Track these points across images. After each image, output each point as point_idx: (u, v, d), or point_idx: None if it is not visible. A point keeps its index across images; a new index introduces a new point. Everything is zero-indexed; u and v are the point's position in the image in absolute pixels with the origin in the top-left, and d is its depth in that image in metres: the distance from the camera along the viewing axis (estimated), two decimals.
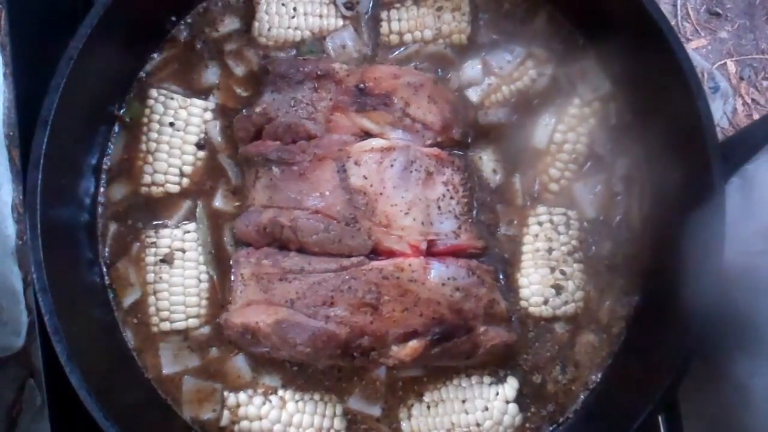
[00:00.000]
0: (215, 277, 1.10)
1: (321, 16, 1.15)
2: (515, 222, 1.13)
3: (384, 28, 1.16)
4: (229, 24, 1.17)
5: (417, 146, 1.06)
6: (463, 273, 1.04)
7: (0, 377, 1.46)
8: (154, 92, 1.13)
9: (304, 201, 1.03)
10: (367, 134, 1.06)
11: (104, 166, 1.13)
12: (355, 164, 1.02)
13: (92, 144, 1.11)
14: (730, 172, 1.12)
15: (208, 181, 1.13)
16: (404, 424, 1.08)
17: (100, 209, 1.12)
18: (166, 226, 1.11)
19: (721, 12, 1.97)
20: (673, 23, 1.93)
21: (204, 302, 1.10)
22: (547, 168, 1.13)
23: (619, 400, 1.08)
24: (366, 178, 1.02)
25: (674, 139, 1.06)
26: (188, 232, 1.10)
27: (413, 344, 1.00)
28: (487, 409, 1.06)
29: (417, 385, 1.09)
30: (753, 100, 1.94)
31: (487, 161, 1.14)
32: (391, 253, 1.03)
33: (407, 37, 1.16)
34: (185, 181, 1.13)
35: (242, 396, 1.07)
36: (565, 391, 1.11)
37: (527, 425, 1.10)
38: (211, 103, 1.14)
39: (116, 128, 1.14)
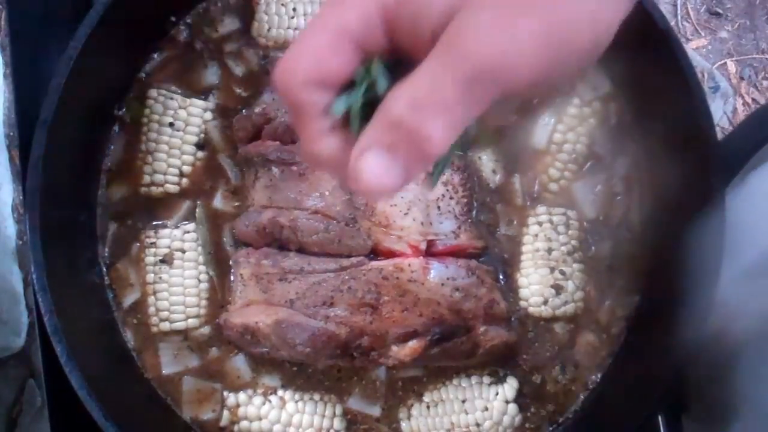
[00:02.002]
0: (215, 277, 1.10)
1: None
2: (515, 222, 1.13)
3: None
4: (229, 24, 1.17)
5: None
6: (463, 273, 1.04)
7: (0, 377, 1.46)
8: (153, 92, 1.13)
9: (303, 201, 1.03)
10: None
11: (104, 167, 1.13)
12: None
13: (92, 144, 1.11)
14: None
15: (207, 182, 1.13)
16: (404, 424, 1.08)
17: (99, 209, 1.12)
18: (165, 227, 1.11)
19: (721, 12, 1.97)
20: (673, 23, 1.93)
21: (204, 302, 1.10)
22: (547, 168, 1.13)
23: (619, 400, 1.08)
24: None
25: (674, 139, 1.06)
26: (188, 232, 1.10)
27: (413, 344, 1.00)
28: (486, 409, 1.06)
29: (417, 385, 1.09)
30: (753, 99, 1.93)
31: (486, 161, 1.14)
32: (390, 254, 1.03)
33: None
34: (185, 181, 1.13)
35: (242, 396, 1.07)
36: (564, 391, 1.11)
37: (527, 425, 1.10)
38: (210, 103, 1.14)
39: (116, 128, 1.14)
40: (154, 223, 1.12)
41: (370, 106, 0.45)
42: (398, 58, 0.47)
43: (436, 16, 0.44)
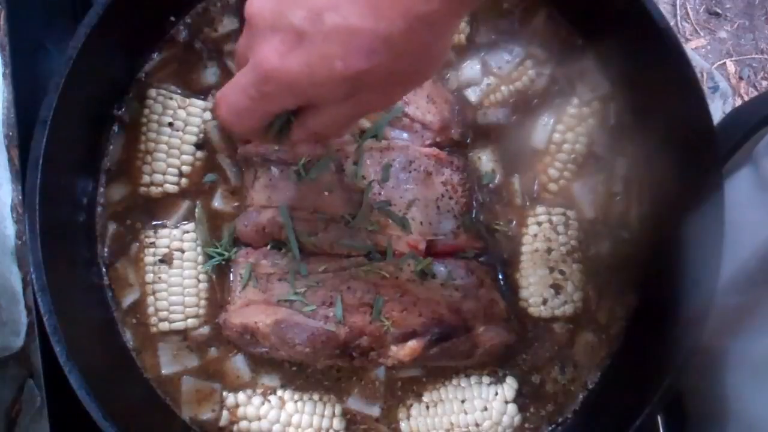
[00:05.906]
0: (214, 277, 1.10)
1: None
2: (514, 222, 1.13)
3: None
4: (228, 24, 1.17)
5: (416, 146, 1.06)
6: (462, 273, 1.04)
7: None
8: (153, 92, 1.13)
9: (303, 201, 1.02)
10: (365, 134, 1.06)
11: (103, 166, 1.13)
12: (354, 164, 1.02)
13: (91, 144, 1.11)
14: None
15: (207, 182, 1.13)
16: (403, 424, 1.08)
17: (99, 209, 1.12)
18: (165, 226, 1.11)
19: (720, 12, 1.97)
20: (672, 23, 1.93)
21: (203, 302, 1.10)
22: (546, 168, 1.13)
23: (618, 400, 1.08)
24: (365, 178, 1.02)
25: (673, 139, 1.06)
26: (187, 232, 1.10)
27: (412, 344, 1.00)
28: (486, 409, 1.06)
29: (416, 386, 1.09)
30: None
31: (486, 161, 1.14)
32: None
33: None
34: (184, 181, 1.13)
35: (241, 396, 1.07)
36: (564, 391, 1.11)
37: (526, 425, 1.10)
38: (210, 103, 1.14)
39: (115, 128, 1.14)
40: (154, 222, 1.12)
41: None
42: None
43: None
